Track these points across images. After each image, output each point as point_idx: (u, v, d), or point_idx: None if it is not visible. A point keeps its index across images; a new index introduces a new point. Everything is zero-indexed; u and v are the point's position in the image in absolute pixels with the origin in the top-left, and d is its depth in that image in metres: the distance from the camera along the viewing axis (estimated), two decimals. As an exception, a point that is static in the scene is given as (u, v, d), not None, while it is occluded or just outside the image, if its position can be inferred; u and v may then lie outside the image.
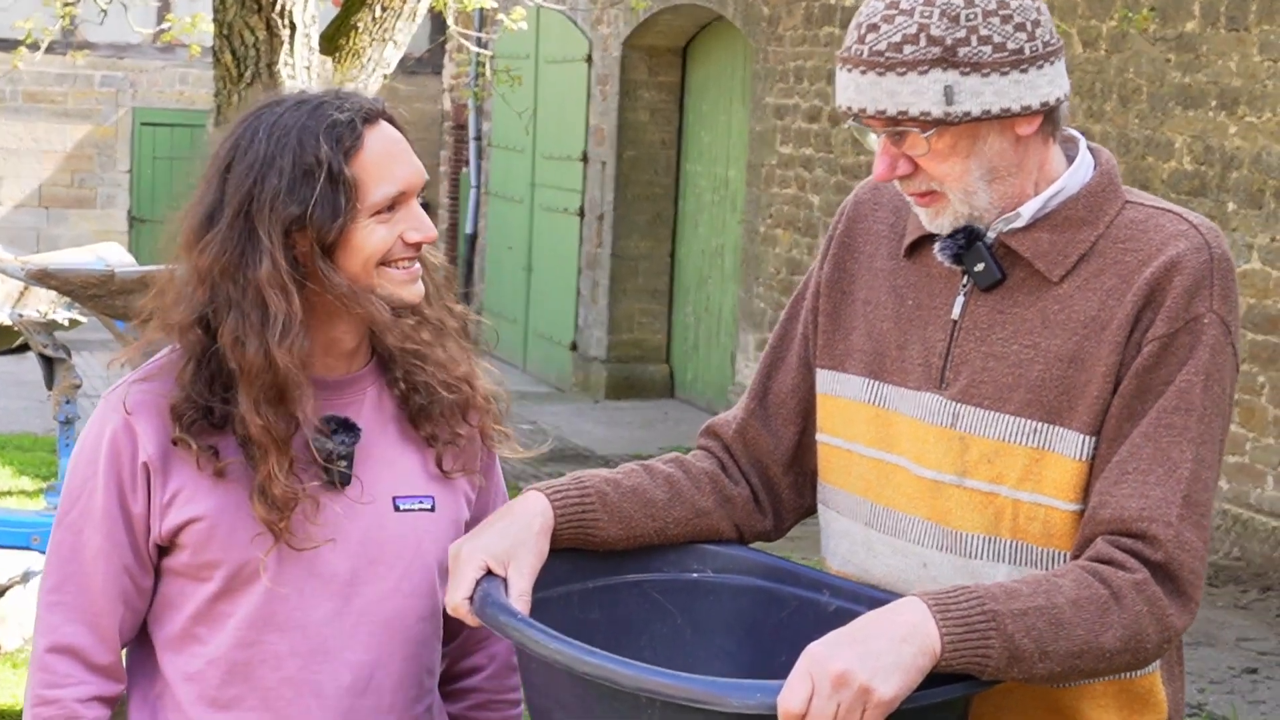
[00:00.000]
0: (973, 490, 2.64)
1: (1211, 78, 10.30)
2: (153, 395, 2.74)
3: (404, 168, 2.75)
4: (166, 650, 2.80)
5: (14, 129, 21.11)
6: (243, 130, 2.74)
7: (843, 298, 2.84)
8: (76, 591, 2.75)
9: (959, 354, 2.67)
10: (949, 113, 2.56)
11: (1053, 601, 2.45)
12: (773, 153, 14.58)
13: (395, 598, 2.81)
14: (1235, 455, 10.23)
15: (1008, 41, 2.57)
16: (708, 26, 16.37)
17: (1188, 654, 8.45)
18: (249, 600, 2.74)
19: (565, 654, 2.35)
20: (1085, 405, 2.58)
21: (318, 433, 2.74)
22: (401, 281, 2.75)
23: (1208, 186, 10.35)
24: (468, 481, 2.91)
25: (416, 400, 2.84)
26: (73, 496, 2.77)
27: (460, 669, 3.03)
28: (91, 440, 2.77)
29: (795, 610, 2.73)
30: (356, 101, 2.75)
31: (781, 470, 2.91)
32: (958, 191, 2.62)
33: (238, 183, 2.70)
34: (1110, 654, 2.48)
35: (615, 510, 2.75)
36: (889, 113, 2.57)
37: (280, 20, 7.22)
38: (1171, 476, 2.53)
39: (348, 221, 2.68)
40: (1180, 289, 2.56)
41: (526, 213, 18.63)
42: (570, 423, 15.35)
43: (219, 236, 2.70)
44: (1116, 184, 2.69)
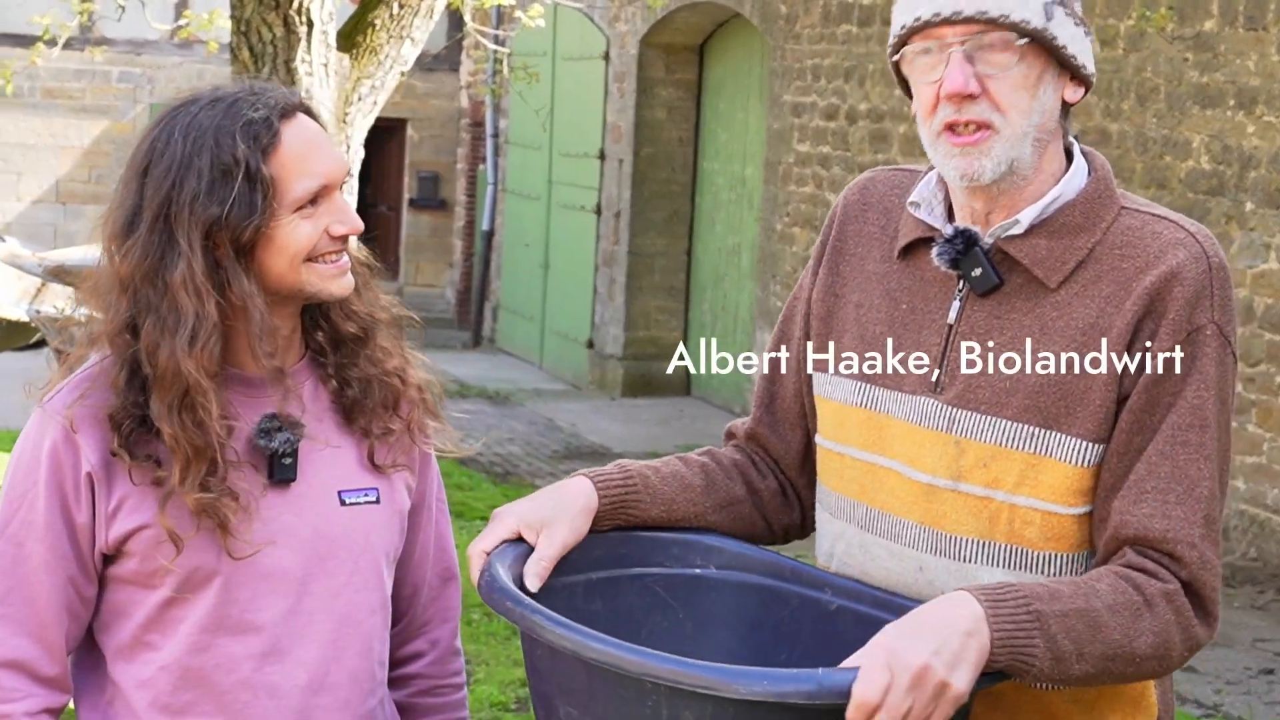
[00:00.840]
0: (967, 494, 2.65)
1: (1229, 77, 10.28)
2: (91, 405, 2.70)
3: (323, 161, 2.73)
4: (117, 658, 2.78)
5: (32, 125, 21.15)
6: (159, 132, 2.73)
7: (835, 301, 2.84)
8: (20, 604, 2.72)
9: (954, 359, 2.68)
10: (1046, 28, 2.59)
11: (1091, 605, 2.47)
12: (790, 151, 14.56)
13: (346, 592, 2.81)
14: (1252, 456, 10.21)
15: (1076, 5, 2.65)
16: (725, 24, 16.36)
17: (1205, 655, 8.45)
18: (201, 605, 2.73)
19: (572, 639, 2.36)
20: (1087, 412, 2.59)
21: (261, 431, 2.73)
22: (329, 275, 2.74)
23: (1225, 186, 10.32)
24: (405, 474, 2.91)
25: (350, 394, 2.84)
26: (12, 508, 2.73)
27: (402, 655, 3.02)
28: (29, 451, 2.74)
29: (797, 608, 2.74)
30: (271, 97, 2.73)
31: (796, 471, 2.94)
32: (1013, 129, 2.62)
33: (155, 186, 2.69)
34: (1140, 659, 2.51)
35: (656, 493, 2.80)
36: (991, 14, 2.58)
37: (298, 17, 7.22)
38: (1191, 495, 2.56)
39: (266, 220, 2.67)
40: (1182, 300, 2.57)
41: (543, 210, 18.63)
42: (587, 420, 15.35)
43: (139, 241, 2.68)
44: (1112, 190, 2.70)
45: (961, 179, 2.64)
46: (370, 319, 2.87)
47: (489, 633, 8.19)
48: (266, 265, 2.70)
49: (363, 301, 2.87)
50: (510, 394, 16.53)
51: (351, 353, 2.85)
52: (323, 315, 2.84)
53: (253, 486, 2.74)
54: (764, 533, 2.92)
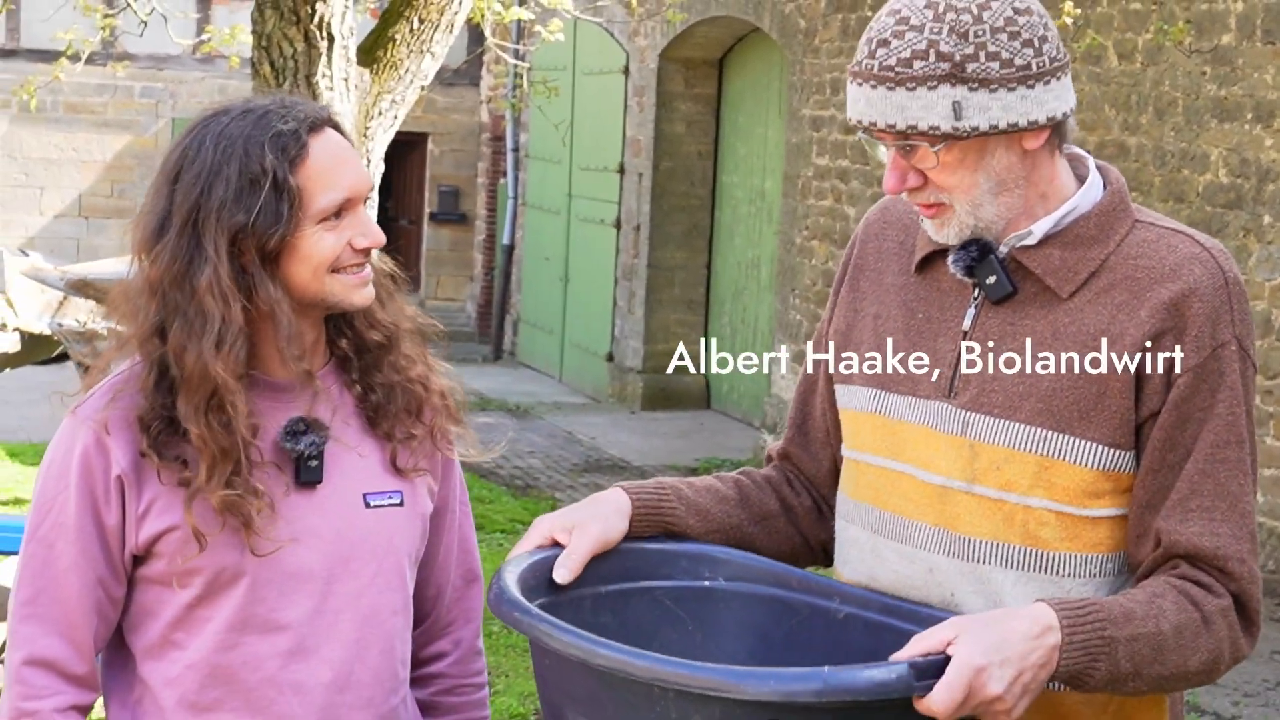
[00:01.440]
0: (981, 496, 2.68)
1: (1247, 90, 10.29)
2: (122, 408, 2.77)
3: (349, 175, 2.79)
4: (146, 657, 2.84)
5: (54, 139, 21.23)
6: (190, 140, 2.79)
7: (855, 315, 2.89)
8: (50, 604, 2.78)
9: (968, 364, 2.72)
10: (957, 127, 2.60)
11: (1159, 628, 2.54)
12: (809, 164, 14.58)
13: (370, 593, 2.87)
14: (1271, 468, 10.21)
15: (1015, 58, 2.61)
16: (744, 38, 16.39)
17: (1222, 666, 8.43)
18: (228, 604, 2.79)
19: (579, 646, 2.38)
20: (1102, 417, 2.63)
21: (287, 433, 2.80)
22: (352, 286, 2.80)
23: (1244, 199, 10.33)
24: (428, 479, 2.97)
25: (373, 399, 2.90)
26: (44, 510, 2.80)
27: (426, 654, 3.08)
28: (61, 454, 2.80)
29: (806, 617, 2.76)
30: (302, 110, 2.80)
31: (829, 490, 3.00)
32: (965, 203, 2.67)
33: (185, 192, 2.75)
34: (1191, 675, 2.59)
35: (690, 503, 2.85)
36: (899, 127, 2.61)
37: (319, 32, 7.26)
38: (1235, 511, 2.62)
39: (291, 230, 2.73)
40: (1203, 316, 2.61)
41: (563, 224, 18.66)
42: (606, 433, 15.37)
43: (168, 246, 2.75)
44: (1127, 203, 2.73)
45: (935, 238, 2.74)
46: (394, 328, 2.94)
47: (509, 644, 8.21)
48: (291, 273, 2.77)
49: (387, 311, 2.93)
50: (530, 407, 16.56)
51: (375, 360, 2.91)
52: (347, 323, 2.90)
53: (278, 488, 2.80)
54: (802, 548, 2.97)
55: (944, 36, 2.59)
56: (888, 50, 2.61)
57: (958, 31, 2.59)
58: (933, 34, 2.59)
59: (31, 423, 14.30)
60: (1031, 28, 2.63)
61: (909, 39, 2.60)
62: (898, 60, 2.60)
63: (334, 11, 7.29)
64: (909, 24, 2.61)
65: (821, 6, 14.31)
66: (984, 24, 2.59)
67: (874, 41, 2.64)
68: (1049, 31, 2.65)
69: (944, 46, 2.58)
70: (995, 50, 2.59)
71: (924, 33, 2.59)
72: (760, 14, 15.24)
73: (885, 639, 2.55)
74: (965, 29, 2.59)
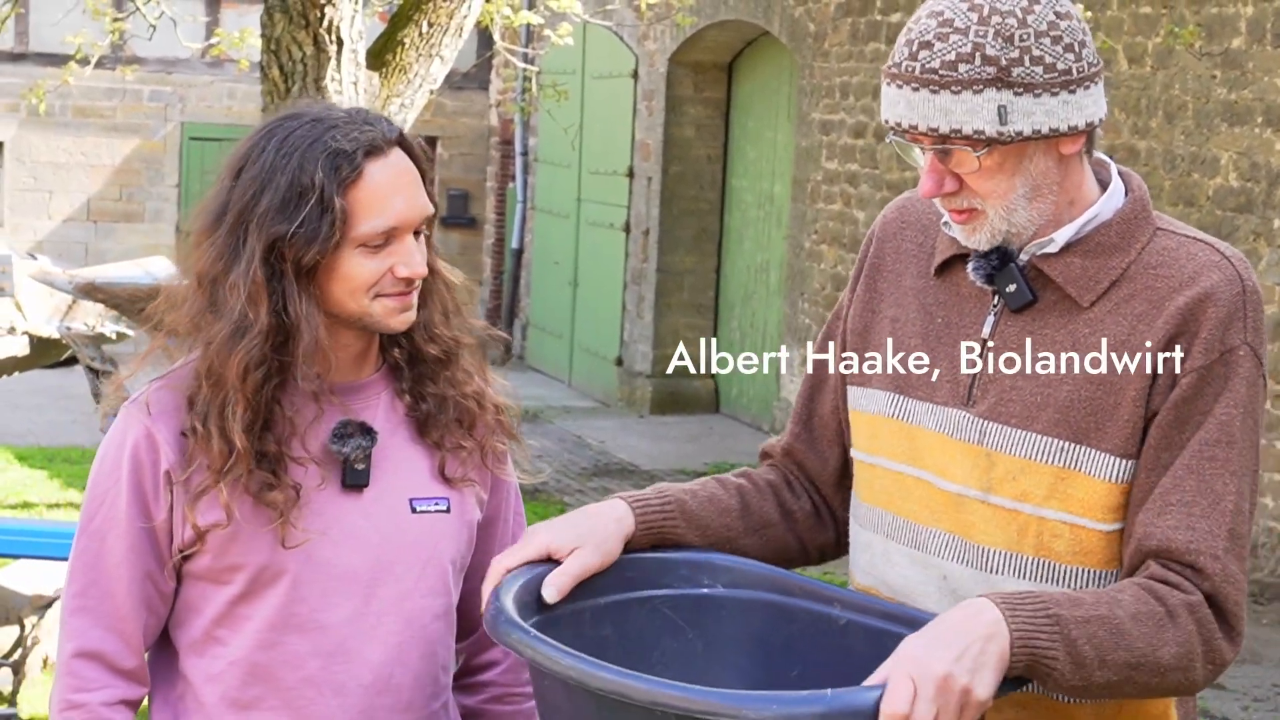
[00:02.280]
0: (997, 506, 2.66)
1: (1257, 94, 10.28)
2: (172, 403, 2.80)
3: (402, 202, 2.78)
4: (189, 653, 2.86)
5: (63, 143, 21.25)
6: (259, 138, 2.82)
7: (872, 316, 2.87)
8: (100, 597, 2.81)
9: (987, 372, 2.69)
10: (1002, 132, 2.57)
11: (1113, 613, 2.49)
12: (818, 168, 14.58)
13: (413, 597, 2.87)
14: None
15: (1058, 62, 2.59)
16: (754, 42, 16.38)
17: (1232, 671, 8.44)
18: (269, 602, 2.81)
19: (578, 670, 2.35)
20: (1115, 428, 2.61)
21: (335, 436, 2.82)
22: (391, 310, 2.81)
23: (1254, 203, 10.32)
24: (477, 489, 2.97)
25: (424, 408, 2.91)
26: (95, 504, 2.83)
27: (476, 664, 3.09)
28: (114, 449, 2.82)
29: (806, 624, 2.74)
30: (369, 133, 2.79)
31: (832, 489, 2.96)
32: (999, 209, 2.64)
33: (242, 191, 2.78)
34: (1164, 669, 2.51)
35: (694, 518, 2.82)
36: (941, 130, 2.59)
37: (328, 36, 7.26)
38: (1216, 509, 2.57)
39: (329, 249, 2.74)
40: (1215, 320, 2.59)
41: (572, 228, 18.66)
42: (615, 438, 15.37)
43: (219, 240, 2.78)
44: (1148, 211, 2.71)
45: (965, 243, 2.70)
46: (454, 343, 2.94)
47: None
48: (328, 290, 2.78)
49: (449, 325, 2.94)
50: (540, 411, 16.56)
51: (431, 373, 2.92)
52: (404, 335, 2.90)
53: (325, 489, 2.81)
54: (798, 554, 2.94)
55: (989, 40, 2.56)
56: (930, 53, 2.58)
57: (1003, 35, 2.56)
58: (978, 37, 2.56)
59: (40, 426, 14.32)
60: (1072, 32, 2.61)
61: (953, 41, 2.57)
62: (942, 63, 2.57)
63: (343, 15, 7.29)
64: (953, 26, 2.58)
65: (831, 10, 14.31)
66: (1028, 28, 2.57)
67: (915, 43, 2.60)
68: (1087, 37, 2.63)
69: (990, 50, 2.56)
70: (1039, 55, 2.57)
71: (969, 35, 2.57)
72: (770, 18, 15.24)
73: (887, 645, 2.53)
74: (1010, 33, 2.56)
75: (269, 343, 2.74)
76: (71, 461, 12.74)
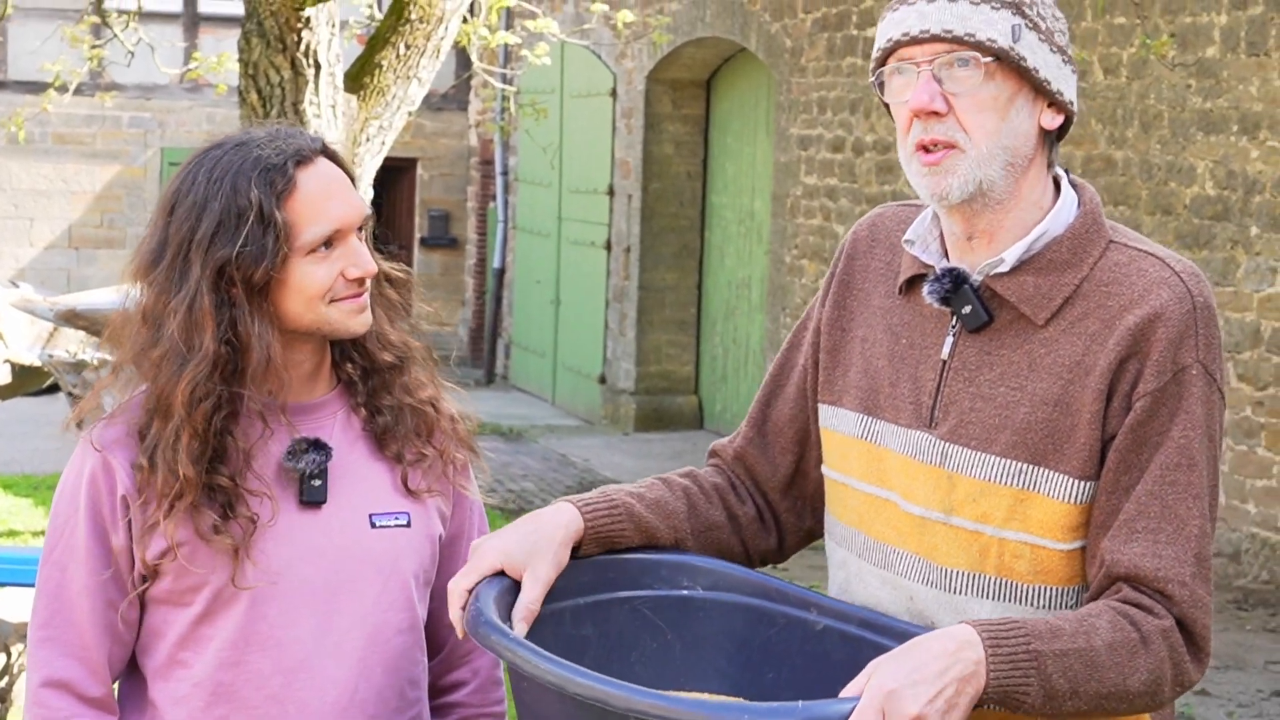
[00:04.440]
0: (958, 528, 2.67)
1: (1232, 102, 10.32)
2: (126, 431, 2.83)
3: (339, 206, 2.83)
4: (155, 678, 2.88)
5: (43, 170, 21.25)
6: (187, 173, 2.85)
7: (842, 335, 2.88)
8: (64, 626, 2.84)
9: (948, 394, 2.70)
10: (1013, 48, 2.62)
11: (1091, 644, 2.49)
12: (797, 183, 14.62)
13: (375, 612, 2.89)
14: (1264, 479, 10.23)
15: (1056, 31, 2.68)
16: (731, 59, 16.43)
17: (1217, 677, 8.47)
18: (230, 621, 2.83)
19: (556, 674, 2.38)
20: (1073, 450, 2.62)
21: (289, 453, 2.84)
22: (348, 313, 2.85)
23: (1231, 211, 10.36)
24: (439, 500, 2.99)
25: (381, 420, 2.94)
26: (56, 535, 2.87)
27: (445, 683, 3.10)
28: (72, 479, 2.87)
29: (784, 628, 2.76)
30: (293, 142, 2.84)
31: (779, 495, 2.98)
32: (979, 149, 2.64)
33: (178, 224, 2.81)
34: (1133, 696, 2.53)
35: (640, 522, 2.82)
36: (956, 32, 2.62)
37: (305, 59, 7.28)
38: (1181, 534, 2.58)
39: (278, 263, 2.77)
40: (1165, 341, 2.59)
41: (554, 246, 18.69)
42: (599, 455, 15.38)
43: (161, 275, 2.81)
44: (1101, 223, 2.71)
45: (931, 198, 2.67)
46: (405, 348, 2.98)
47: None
48: (283, 305, 2.81)
49: (397, 330, 2.98)
50: (523, 430, 16.57)
51: (386, 382, 2.95)
52: (356, 348, 2.94)
53: (283, 507, 2.84)
54: (740, 558, 2.94)
55: None
56: None
57: None
58: None
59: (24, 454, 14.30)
60: (1062, 21, 2.72)
61: None
62: None
63: (320, 39, 7.31)
64: None
65: (808, 26, 14.35)
66: None
67: None
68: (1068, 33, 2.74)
69: None
70: (1044, 12, 2.67)
71: None
72: (747, 34, 15.28)
73: (863, 652, 2.55)
74: None
75: (217, 371, 2.77)
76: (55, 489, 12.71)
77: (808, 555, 3.34)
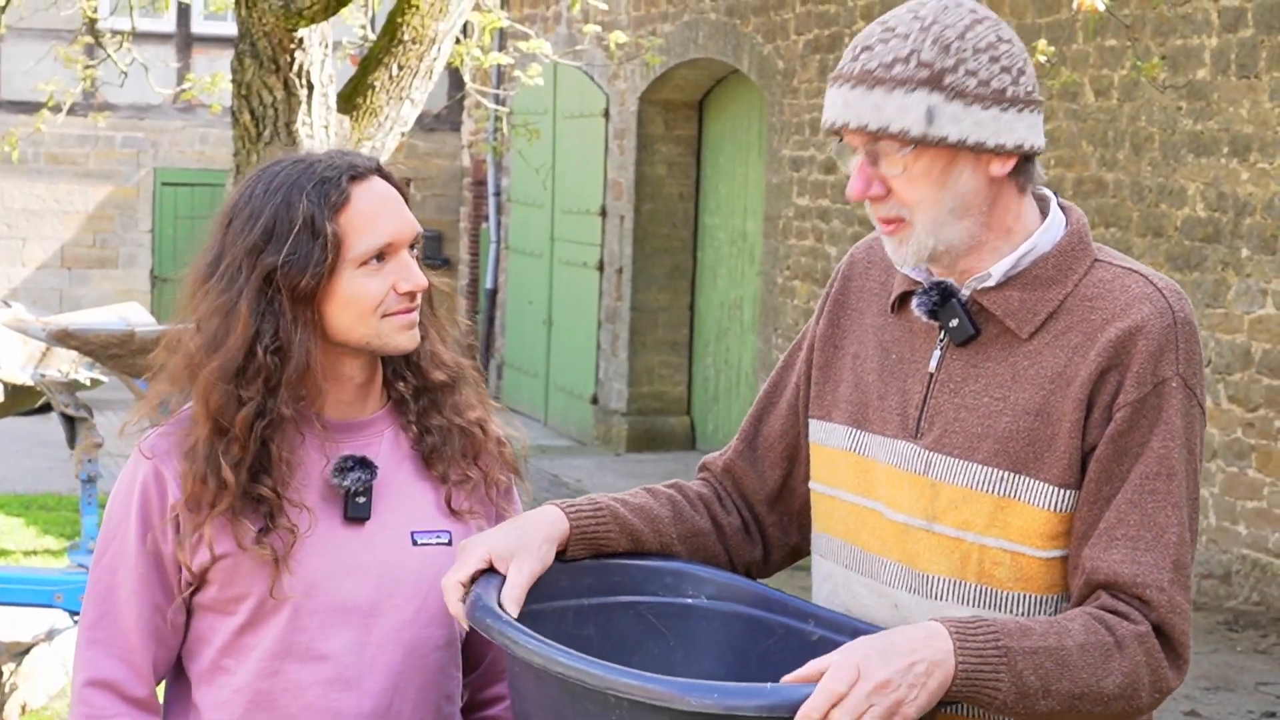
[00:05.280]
0: (940, 535, 2.72)
1: (1223, 125, 10.35)
2: (177, 439, 2.90)
3: (391, 221, 2.89)
4: (200, 683, 2.95)
5: (36, 190, 21.25)
6: (245, 187, 2.92)
7: (835, 352, 2.93)
8: (112, 628, 2.92)
9: (934, 405, 2.75)
10: (928, 134, 2.63)
11: (1062, 643, 2.54)
12: (789, 204, 14.64)
13: (413, 627, 2.95)
14: (1254, 500, 10.24)
15: (992, 80, 2.65)
16: (723, 80, 16.46)
17: (1208, 698, 8.48)
18: (271, 631, 2.89)
19: (542, 654, 2.47)
20: (1054, 459, 2.66)
21: (336, 470, 2.90)
22: (398, 328, 2.89)
23: (1221, 233, 10.39)
24: (481, 522, 3.04)
25: (429, 440, 2.99)
26: (108, 539, 2.94)
27: (483, 698, 3.15)
28: (125, 485, 2.93)
29: (781, 638, 2.83)
30: (349, 159, 2.91)
31: (766, 510, 3.03)
32: (925, 221, 2.69)
33: (234, 236, 2.87)
34: (1108, 699, 2.57)
35: (625, 525, 2.87)
36: (871, 127, 2.65)
37: (298, 80, 7.31)
38: (1159, 542, 2.62)
39: (327, 273, 2.83)
40: (1145, 354, 2.63)
41: (546, 267, 18.70)
42: (592, 476, 15.39)
43: (216, 286, 2.87)
44: (1087, 242, 2.75)
45: (892, 258, 2.76)
46: (458, 368, 3.04)
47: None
48: (331, 317, 2.87)
49: (450, 350, 3.05)
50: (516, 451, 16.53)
51: (436, 401, 3.01)
52: (409, 366, 2.99)
53: (327, 522, 2.90)
54: (725, 566, 3.00)
55: (926, 46, 2.64)
56: (870, 54, 2.66)
57: (941, 44, 2.64)
58: (916, 42, 2.64)
59: (16, 473, 14.30)
60: (1011, 57, 2.68)
61: (893, 45, 2.65)
62: (879, 64, 2.65)
63: (313, 60, 7.33)
64: (895, 32, 2.66)
65: (799, 48, 14.38)
66: (967, 42, 2.64)
67: (858, 47, 2.69)
68: (1028, 66, 2.71)
69: (925, 55, 2.63)
70: (974, 68, 2.64)
71: (908, 40, 2.64)
72: (739, 56, 15.31)
73: None
74: (948, 43, 2.64)
75: (262, 378, 2.83)
76: (48, 508, 12.73)
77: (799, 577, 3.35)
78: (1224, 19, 10.36)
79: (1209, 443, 10.47)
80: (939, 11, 2.66)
